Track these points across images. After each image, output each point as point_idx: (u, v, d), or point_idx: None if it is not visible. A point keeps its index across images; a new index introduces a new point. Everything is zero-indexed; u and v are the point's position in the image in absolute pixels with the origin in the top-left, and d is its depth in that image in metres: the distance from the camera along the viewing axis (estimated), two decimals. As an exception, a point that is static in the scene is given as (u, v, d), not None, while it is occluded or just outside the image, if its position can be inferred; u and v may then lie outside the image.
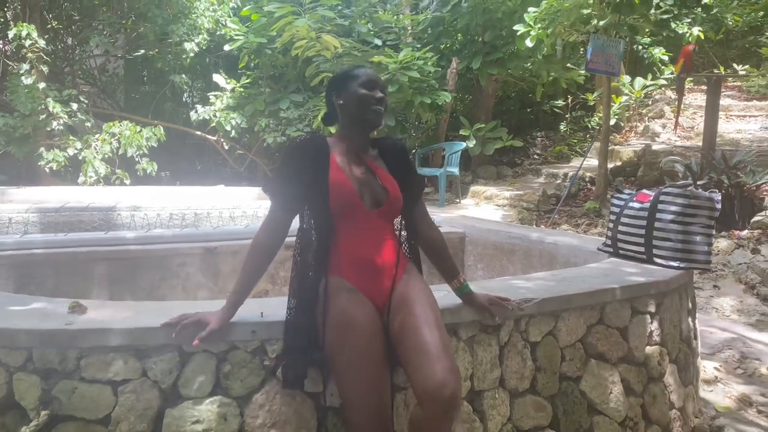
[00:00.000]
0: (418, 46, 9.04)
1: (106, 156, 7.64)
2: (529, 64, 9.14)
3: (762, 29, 15.25)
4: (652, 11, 8.21)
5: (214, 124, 8.87)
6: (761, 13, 15.37)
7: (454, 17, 9.11)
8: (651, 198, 3.13)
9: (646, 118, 11.04)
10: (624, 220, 3.22)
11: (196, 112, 8.88)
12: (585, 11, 6.77)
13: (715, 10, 13.45)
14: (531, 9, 7.63)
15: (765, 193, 5.88)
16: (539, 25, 7.47)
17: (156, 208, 5.29)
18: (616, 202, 3.34)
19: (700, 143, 9.41)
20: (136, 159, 7.79)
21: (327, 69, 7.95)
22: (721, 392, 3.34)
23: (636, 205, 3.19)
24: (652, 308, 2.74)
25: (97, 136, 7.77)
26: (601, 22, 6.69)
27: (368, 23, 9.20)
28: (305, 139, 1.98)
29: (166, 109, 10.56)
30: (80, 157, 7.62)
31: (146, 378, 1.88)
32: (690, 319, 3.09)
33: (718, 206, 3.06)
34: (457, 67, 8.83)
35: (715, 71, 11.55)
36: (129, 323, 1.91)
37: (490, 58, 8.85)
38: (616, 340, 2.61)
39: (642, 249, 3.11)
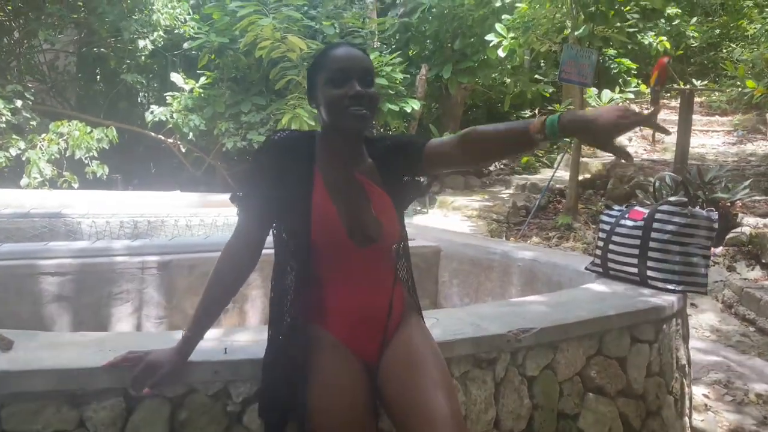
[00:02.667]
0: (386, 51, 8.81)
1: (53, 157, 7.13)
2: (497, 74, 9.00)
3: (719, 46, 15.61)
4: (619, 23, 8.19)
5: (170, 126, 8.44)
6: (718, 31, 15.77)
7: (423, 23, 8.91)
8: (645, 215, 2.93)
9: (612, 131, 11.04)
10: (615, 238, 3.00)
11: (152, 112, 8.43)
12: (559, 17, 6.63)
13: (676, 21, 13.67)
14: (504, 16, 7.48)
15: (739, 209, 5.82)
16: (512, 35, 7.33)
17: (106, 214, 4.88)
18: (606, 219, 3.13)
19: (668, 156, 9.45)
20: (86, 161, 7.31)
21: (292, 72, 7.63)
22: (712, 421, 3.16)
23: (629, 222, 2.98)
24: (651, 336, 2.54)
25: (43, 135, 7.26)
26: (576, 32, 6.57)
27: (334, 25, 8.91)
28: (288, 137, 1.58)
29: (120, 109, 10.06)
30: (24, 158, 7.10)
31: (84, 430, 1.55)
32: (685, 346, 2.91)
33: (716, 225, 2.88)
34: (426, 74, 8.63)
35: (675, 86, 11.68)
36: (63, 362, 1.58)
37: (460, 66, 8.68)
38: (615, 371, 2.39)
39: (635, 270, 2.90)
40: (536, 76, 9.97)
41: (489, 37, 7.71)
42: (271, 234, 1.61)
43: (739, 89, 12.27)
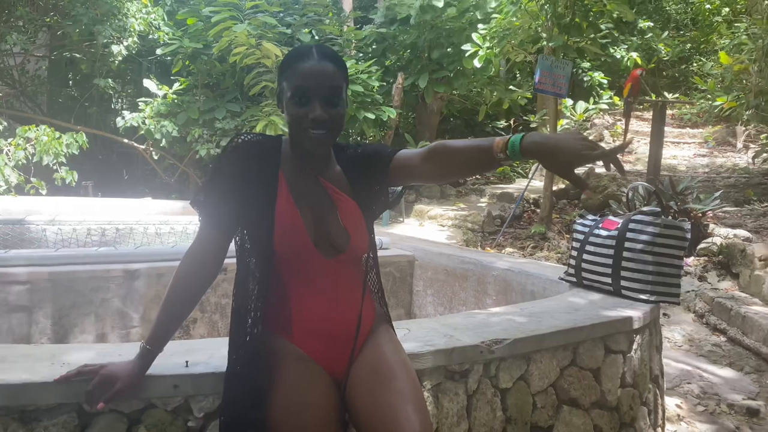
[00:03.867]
0: (363, 60, 8.78)
1: (20, 163, 6.95)
2: (473, 84, 9.03)
3: (690, 60, 15.93)
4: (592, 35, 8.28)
5: (143, 132, 8.29)
6: (689, 45, 16.10)
7: (401, 33, 8.91)
8: (619, 225, 2.92)
9: (586, 142, 11.14)
10: (589, 248, 2.99)
11: (124, 118, 8.27)
12: (534, 28, 6.67)
13: (649, 35, 13.90)
14: (480, 26, 7.50)
15: (710, 219, 5.89)
16: (487, 45, 7.35)
17: (73, 222, 4.75)
18: (579, 228, 3.12)
19: (640, 167, 9.56)
20: (54, 167, 7.13)
21: (267, 78, 7.56)
22: (685, 432, 3.15)
23: (603, 232, 2.97)
24: (624, 347, 2.52)
25: (9, 140, 7.07)
26: (551, 43, 6.61)
27: (311, 33, 8.86)
28: (252, 140, 1.48)
29: (92, 115, 9.87)
30: (-11, 164, 6.90)
31: (34, 448, 1.47)
32: (658, 357, 2.90)
33: (689, 236, 2.88)
34: (402, 82, 8.61)
35: (647, 98, 11.86)
36: (12, 376, 1.50)
37: (436, 75, 8.69)
38: (589, 383, 2.37)
39: (609, 280, 2.89)
40: (511, 86, 10.03)
41: (465, 46, 7.73)
42: (233, 241, 1.55)
43: (710, 102, 12.52)
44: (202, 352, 1.71)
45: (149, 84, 8.52)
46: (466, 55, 7.66)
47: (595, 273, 2.95)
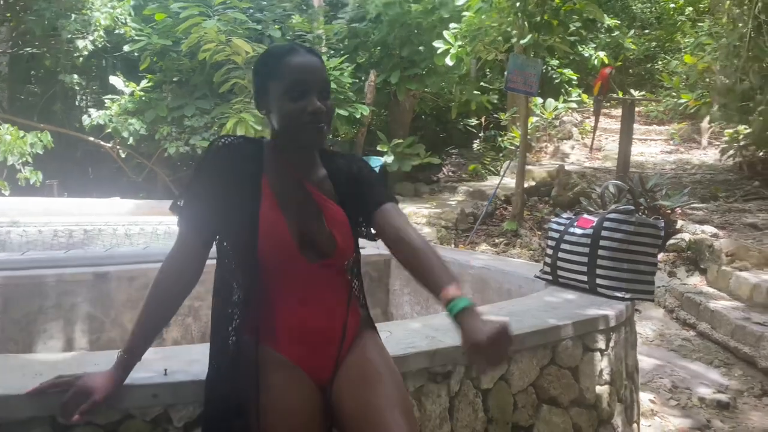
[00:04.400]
0: (334, 57, 8.73)
1: (-19, 163, 6.75)
2: (444, 82, 9.05)
3: (655, 58, 16.26)
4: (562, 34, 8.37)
5: (110, 130, 8.11)
6: (654, 44, 16.43)
7: (372, 30, 8.88)
8: (594, 224, 2.95)
9: (555, 139, 11.29)
10: (565, 246, 3.01)
11: (90, 116, 8.08)
12: (505, 27, 6.71)
13: (616, 33, 14.13)
14: (452, 24, 7.51)
15: (678, 216, 6.00)
16: (459, 43, 7.37)
17: (38, 223, 4.61)
18: (554, 226, 3.14)
19: (609, 164, 9.71)
20: (18, 167, 6.93)
21: (237, 75, 7.47)
22: (659, 427, 3.21)
23: (578, 230, 2.99)
24: (602, 344, 2.54)
25: (-30, 139, 6.85)
26: (522, 41, 6.66)
27: (281, 29, 8.77)
28: (234, 143, 1.45)
29: (56, 112, 9.62)
30: (-52, 164, 6.69)
31: (5, 463, 1.41)
32: (633, 353, 2.94)
33: (662, 233, 2.93)
34: (375, 79, 8.59)
35: (614, 96, 12.06)
36: (-19, 389, 1.44)
37: (409, 73, 8.68)
38: (568, 381, 2.38)
39: (585, 278, 2.91)
40: (482, 84, 10.09)
41: (437, 44, 7.73)
42: (213, 245, 1.51)
43: (675, 100, 12.80)
44: (181, 359, 1.67)
45: (116, 81, 8.34)
46: (438, 52, 7.67)
47: (571, 271, 2.97)
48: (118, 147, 8.55)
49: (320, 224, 1.48)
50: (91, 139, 8.71)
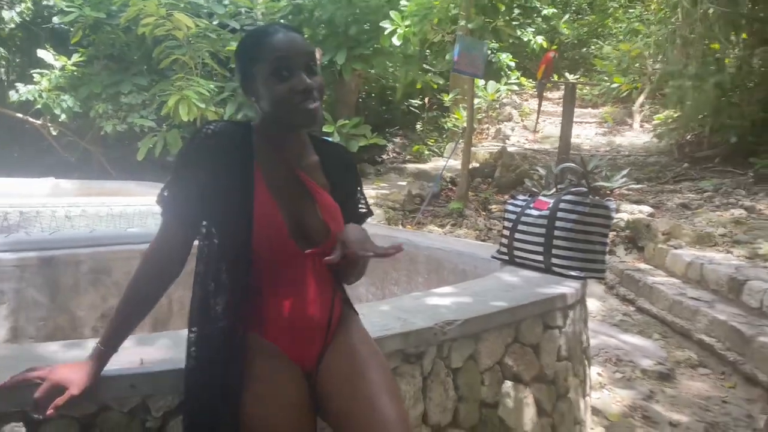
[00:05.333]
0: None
1: None
2: (391, 62, 9.03)
3: (588, 43, 16.76)
4: (507, 17, 8.49)
5: (39, 106, 7.68)
6: (586, 29, 16.94)
7: (316, 7, 8.73)
8: (550, 205, 3.03)
9: (497, 121, 11.49)
10: (521, 227, 3.08)
11: (17, 91, 7.62)
12: (452, 8, 6.74)
13: (553, 21, 14.47)
14: (403, 2, 7.47)
15: (616, 196, 6.25)
16: (407, 23, 7.35)
17: (-33, 205, 4.34)
18: (511, 208, 3.21)
19: (548, 146, 9.98)
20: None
21: (179, 51, 7.21)
22: (607, 399, 3.36)
23: (534, 212, 3.07)
24: (560, 322, 2.63)
25: None
26: (470, 24, 6.70)
27: (224, 3, 8.51)
28: (223, 130, 1.40)
29: (-23, 87, 9.04)
30: None
31: (-25, 461, 1.35)
32: (586, 330, 3.05)
33: (614, 214, 3.04)
34: (320, 58, 8.46)
35: (552, 79, 12.36)
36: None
37: (355, 52, 8.60)
38: (530, 359, 2.46)
39: (541, 258, 2.99)
40: (425, 65, 10.12)
41: (384, 24, 7.69)
42: None
43: (608, 84, 13.25)
44: (157, 348, 1.62)
45: (44, 54, 7.88)
46: (385, 33, 7.63)
47: (527, 251, 3.05)
48: (48, 124, 8.11)
49: (313, 212, 1.46)
50: (19, 115, 8.23)
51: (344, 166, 1.60)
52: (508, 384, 2.36)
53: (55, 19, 7.97)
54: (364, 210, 1.68)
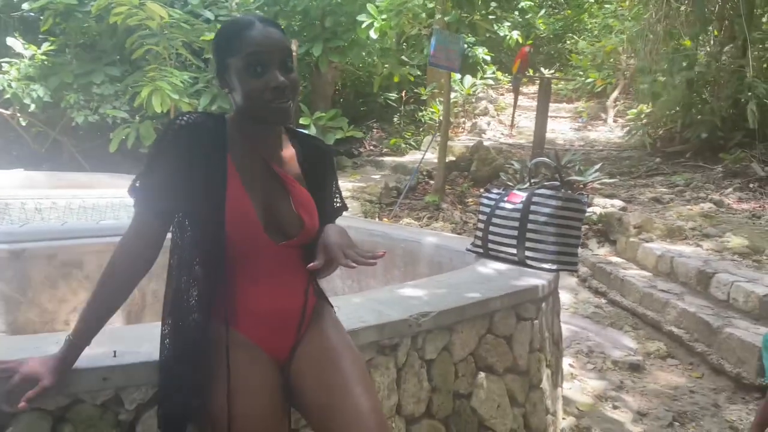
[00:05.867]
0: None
1: None
2: (367, 55, 9.01)
3: (564, 38, 16.92)
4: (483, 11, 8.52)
5: (8, 96, 7.51)
6: (562, 23, 17.10)
7: (292, -1, 8.66)
8: (523, 199, 3.07)
9: (473, 115, 11.54)
10: (495, 220, 3.12)
11: (-14, 80, 7.44)
12: (430, 5, 6.75)
13: (528, 15, 14.57)
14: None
15: (589, 190, 6.33)
16: (383, 16, 7.34)
17: (-67, 197, 4.24)
18: (485, 201, 3.24)
19: (523, 141, 10.06)
20: None
21: (151, 41, 7.09)
22: (578, 389, 3.42)
23: (508, 205, 3.10)
24: (533, 314, 2.67)
25: None
26: (446, 18, 6.72)
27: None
28: (196, 121, 1.39)
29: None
30: None
31: (-57, 456, 1.33)
32: (557, 321, 3.10)
33: (586, 208, 3.09)
34: (296, 50, 8.40)
35: (527, 73, 12.45)
36: None
37: (331, 44, 8.57)
38: (503, 350, 2.49)
39: (514, 251, 3.03)
40: (402, 58, 10.12)
41: (361, 17, 7.67)
42: None
43: (583, 79, 13.41)
44: (130, 340, 1.62)
45: (14, 43, 7.70)
46: (363, 26, 7.61)
47: (501, 244, 3.08)
48: (18, 114, 7.94)
49: (286, 205, 1.47)
50: (-14, 105, 8.03)
51: (320, 158, 1.60)
52: (481, 375, 2.39)
53: (25, 6, 7.78)
54: (339, 204, 1.68)
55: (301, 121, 8.38)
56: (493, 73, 12.61)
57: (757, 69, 7.43)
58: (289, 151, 1.53)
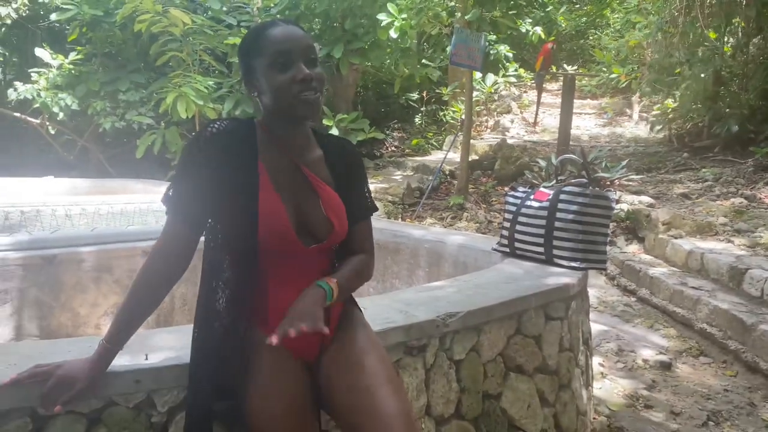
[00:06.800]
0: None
1: None
2: (388, 56, 9.01)
3: (586, 34, 16.73)
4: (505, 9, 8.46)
5: (37, 105, 7.67)
6: (584, 19, 16.89)
7: (313, 1, 8.70)
8: (550, 197, 3.03)
9: (495, 114, 11.47)
10: (522, 219, 3.09)
11: (16, 90, 7.61)
12: (450, 3, 6.73)
13: (549, 9, 14.43)
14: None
15: (617, 187, 6.25)
16: (403, 16, 7.34)
17: (-33, 205, 4.34)
18: (511, 200, 3.21)
19: (547, 138, 9.97)
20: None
21: (175, 48, 7.19)
22: (609, 389, 3.37)
23: (535, 204, 3.07)
24: (562, 313, 2.64)
25: None
26: (467, 16, 6.69)
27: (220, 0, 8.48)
28: (227, 128, 1.40)
29: (-26, 86, 9.01)
30: None
31: (-17, 457, 1.35)
32: (587, 320, 3.06)
33: (614, 205, 3.05)
34: (318, 52, 8.45)
35: (551, 70, 12.34)
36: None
37: (352, 46, 8.59)
38: (532, 350, 2.47)
39: (541, 249, 3.00)
40: (423, 59, 10.10)
41: (381, 16, 7.67)
42: None
43: (607, 75, 13.23)
44: (162, 343, 1.63)
45: (42, 53, 7.86)
46: (382, 25, 7.61)
47: (528, 243, 3.05)
48: (47, 123, 8.10)
49: (317, 208, 1.47)
50: (17, 114, 8.22)
51: (348, 160, 1.60)
52: (510, 375, 2.37)
53: (53, 17, 7.95)
54: (368, 205, 1.67)
55: (324, 122, 8.41)
56: (516, 70, 12.51)
57: (786, 60, 7.26)
58: (317, 153, 1.54)
